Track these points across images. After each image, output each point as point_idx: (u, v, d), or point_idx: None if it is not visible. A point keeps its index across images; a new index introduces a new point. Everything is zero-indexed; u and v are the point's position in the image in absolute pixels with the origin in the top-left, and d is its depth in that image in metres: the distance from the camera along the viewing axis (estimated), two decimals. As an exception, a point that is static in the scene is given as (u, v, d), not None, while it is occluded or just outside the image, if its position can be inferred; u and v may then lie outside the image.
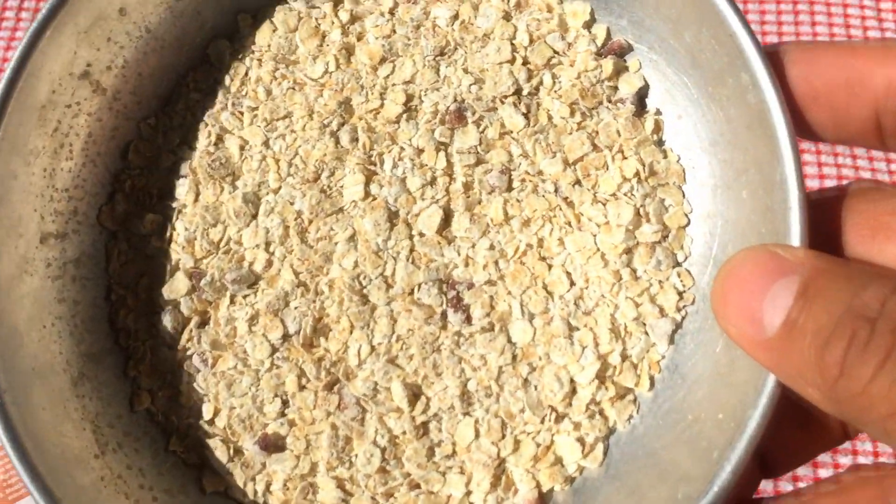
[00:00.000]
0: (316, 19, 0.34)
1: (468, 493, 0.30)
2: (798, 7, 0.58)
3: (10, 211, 0.30)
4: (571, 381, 0.30)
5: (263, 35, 0.34)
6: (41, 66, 0.31)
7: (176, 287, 0.33)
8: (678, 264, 0.31)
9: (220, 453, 0.32)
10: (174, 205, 0.33)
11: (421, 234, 0.32)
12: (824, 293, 0.22)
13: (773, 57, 0.27)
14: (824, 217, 0.26)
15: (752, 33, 0.27)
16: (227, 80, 0.34)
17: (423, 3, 0.34)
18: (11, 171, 0.30)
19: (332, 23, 0.34)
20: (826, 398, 0.22)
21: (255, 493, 0.32)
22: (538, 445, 0.30)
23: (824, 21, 0.57)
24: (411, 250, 0.32)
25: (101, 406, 0.32)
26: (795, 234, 0.25)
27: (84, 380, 0.31)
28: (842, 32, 0.52)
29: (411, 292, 0.31)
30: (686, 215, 0.31)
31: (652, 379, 0.30)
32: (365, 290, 0.31)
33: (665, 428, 0.29)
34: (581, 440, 0.30)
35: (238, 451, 0.32)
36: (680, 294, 0.31)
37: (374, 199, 0.32)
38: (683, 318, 0.30)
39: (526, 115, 0.32)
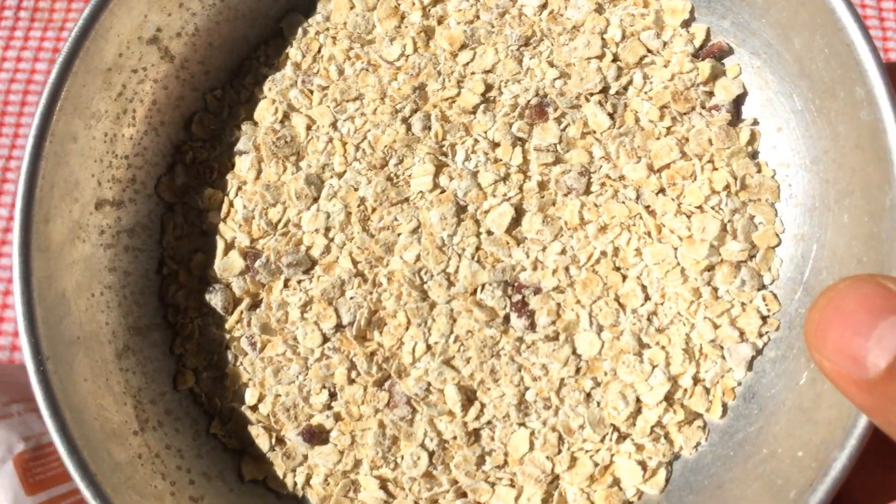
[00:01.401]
0: (396, -1, 0.33)
1: (518, 508, 0.29)
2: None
3: (68, 174, 0.29)
4: (637, 400, 0.29)
5: (340, 11, 0.33)
6: (110, 27, 0.30)
7: (229, 265, 0.31)
8: (764, 286, 0.29)
9: (262, 441, 0.31)
10: (234, 181, 0.32)
11: (489, 232, 0.30)
12: None
13: (893, 73, 0.25)
14: None
15: (872, 45, 0.24)
16: (299, 55, 0.33)
17: (511, -12, 0.32)
18: (71, 133, 0.29)
19: (413, 3, 0.32)
20: None
21: (295, 485, 0.31)
22: (596, 465, 0.29)
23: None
24: (477, 248, 0.30)
25: (145, 381, 0.31)
26: None
27: (129, 353, 0.31)
28: (844, 31, 0.50)
29: (474, 292, 0.30)
30: (777, 235, 0.29)
31: (725, 406, 0.29)
32: (425, 286, 0.30)
33: (736, 459, 0.27)
34: (643, 463, 0.29)
35: (280, 441, 0.31)
36: (763, 318, 0.29)
37: (443, 191, 0.31)
38: (765, 344, 0.29)
39: (611, 116, 0.30)
